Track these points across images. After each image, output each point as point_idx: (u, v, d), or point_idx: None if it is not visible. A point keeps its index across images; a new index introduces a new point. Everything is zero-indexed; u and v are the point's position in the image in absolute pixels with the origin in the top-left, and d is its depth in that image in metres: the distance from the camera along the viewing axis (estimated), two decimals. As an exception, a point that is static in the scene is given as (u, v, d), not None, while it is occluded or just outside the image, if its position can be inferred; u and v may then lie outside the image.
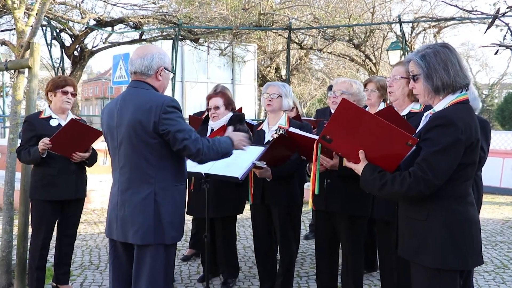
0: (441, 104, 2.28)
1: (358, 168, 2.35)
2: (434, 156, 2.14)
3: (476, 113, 2.80)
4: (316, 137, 3.34)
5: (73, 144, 3.82)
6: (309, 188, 3.04)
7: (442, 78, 2.24)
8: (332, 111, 3.66)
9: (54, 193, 3.88)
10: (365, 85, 4.06)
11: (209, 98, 4.32)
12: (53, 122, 3.93)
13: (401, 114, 3.05)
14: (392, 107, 3.10)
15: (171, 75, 2.95)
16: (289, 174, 3.81)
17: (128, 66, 2.86)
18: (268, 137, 3.87)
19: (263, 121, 4.23)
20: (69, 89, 3.98)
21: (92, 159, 4.05)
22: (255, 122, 5.03)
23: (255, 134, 4.10)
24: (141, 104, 2.68)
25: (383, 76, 4.20)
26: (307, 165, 3.61)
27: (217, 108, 4.17)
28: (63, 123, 3.90)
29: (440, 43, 2.34)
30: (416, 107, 3.06)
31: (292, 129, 3.45)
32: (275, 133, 3.67)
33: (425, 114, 2.36)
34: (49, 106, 4.02)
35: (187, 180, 3.39)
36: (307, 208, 6.26)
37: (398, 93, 3.08)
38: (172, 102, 2.71)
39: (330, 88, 4.76)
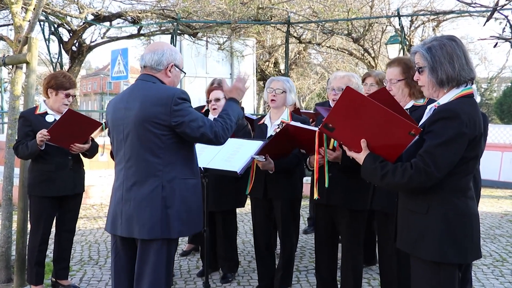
0: (446, 97, 2.27)
1: (360, 157, 2.35)
2: (436, 149, 2.13)
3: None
4: (316, 129, 3.33)
5: (72, 135, 3.79)
6: (308, 182, 3.04)
7: (447, 71, 2.23)
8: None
9: (53, 189, 3.88)
10: (363, 80, 4.04)
11: (210, 91, 4.33)
12: (49, 118, 3.90)
13: (404, 108, 3.03)
14: (385, 89, 3.05)
15: (183, 74, 2.93)
16: (291, 167, 3.81)
17: (139, 62, 2.85)
18: (270, 132, 3.87)
19: (263, 115, 4.22)
20: (72, 92, 3.96)
21: (92, 151, 4.04)
22: (254, 117, 5.03)
23: (256, 128, 4.10)
24: (150, 96, 2.67)
25: (382, 70, 4.18)
26: (307, 159, 3.61)
27: (218, 100, 4.18)
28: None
29: (447, 36, 2.32)
30: (419, 101, 3.04)
31: (292, 123, 3.44)
32: (278, 127, 3.67)
33: (428, 106, 2.35)
34: (44, 101, 3.98)
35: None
36: (305, 202, 6.28)
37: (399, 95, 3.06)
38: (182, 94, 2.70)
39: None
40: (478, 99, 3.52)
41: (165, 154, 2.68)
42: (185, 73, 2.97)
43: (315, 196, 3.24)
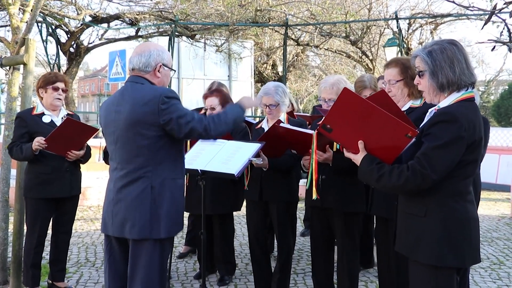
0: (446, 101, 2.27)
1: (357, 158, 2.35)
2: (434, 151, 2.13)
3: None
4: (308, 131, 3.34)
5: (68, 143, 3.80)
6: (304, 185, 3.05)
7: (447, 75, 2.23)
8: None
9: (49, 191, 3.87)
10: (360, 93, 4.07)
11: (205, 97, 4.32)
12: (46, 119, 3.90)
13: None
14: (384, 91, 3.06)
15: (172, 72, 2.94)
16: (286, 167, 3.79)
17: (127, 65, 2.86)
18: None
19: (262, 118, 4.21)
20: (60, 85, 3.95)
21: (86, 157, 4.03)
22: (252, 120, 5.02)
23: (253, 133, 4.09)
24: (139, 97, 2.68)
25: (380, 73, 4.19)
26: (301, 161, 3.60)
27: (213, 109, 4.15)
28: (55, 119, 3.90)
29: (448, 40, 2.31)
30: (416, 102, 3.05)
31: (282, 124, 3.44)
32: None
33: (429, 110, 2.35)
34: (41, 102, 3.98)
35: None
36: (302, 205, 6.27)
37: (398, 96, 3.06)
38: (170, 93, 2.72)
39: None
40: (478, 99, 3.46)
41: (154, 155, 2.70)
42: (174, 71, 2.99)
43: (314, 196, 3.24)
